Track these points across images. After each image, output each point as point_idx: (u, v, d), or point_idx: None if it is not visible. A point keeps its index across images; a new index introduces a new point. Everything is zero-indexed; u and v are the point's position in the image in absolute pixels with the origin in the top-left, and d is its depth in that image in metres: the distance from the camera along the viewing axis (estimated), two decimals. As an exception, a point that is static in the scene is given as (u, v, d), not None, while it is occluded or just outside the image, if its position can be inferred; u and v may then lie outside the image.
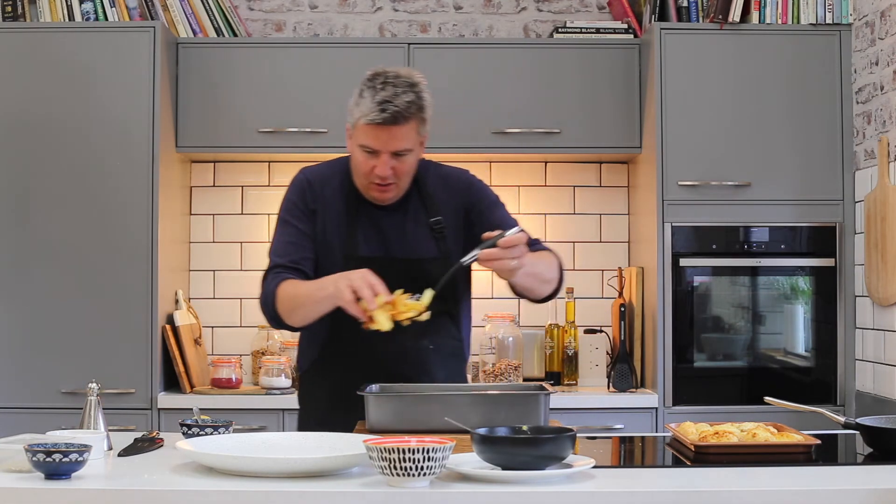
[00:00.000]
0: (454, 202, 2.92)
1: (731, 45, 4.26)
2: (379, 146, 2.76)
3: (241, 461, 2.21)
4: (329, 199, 2.90)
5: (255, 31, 4.75)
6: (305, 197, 2.91)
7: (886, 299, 3.92)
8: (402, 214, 2.89)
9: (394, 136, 2.75)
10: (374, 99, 2.74)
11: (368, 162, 2.79)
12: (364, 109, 2.75)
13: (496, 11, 4.78)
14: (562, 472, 2.18)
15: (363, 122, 2.76)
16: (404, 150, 2.79)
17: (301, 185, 2.94)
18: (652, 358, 4.27)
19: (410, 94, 2.76)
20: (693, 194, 4.24)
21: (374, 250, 2.86)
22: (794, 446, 2.48)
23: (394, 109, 2.72)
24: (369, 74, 2.81)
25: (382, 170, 2.78)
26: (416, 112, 2.77)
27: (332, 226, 2.88)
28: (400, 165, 2.80)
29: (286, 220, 2.92)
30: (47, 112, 4.18)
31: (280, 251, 2.89)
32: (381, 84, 2.76)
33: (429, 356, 2.89)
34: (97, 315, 4.15)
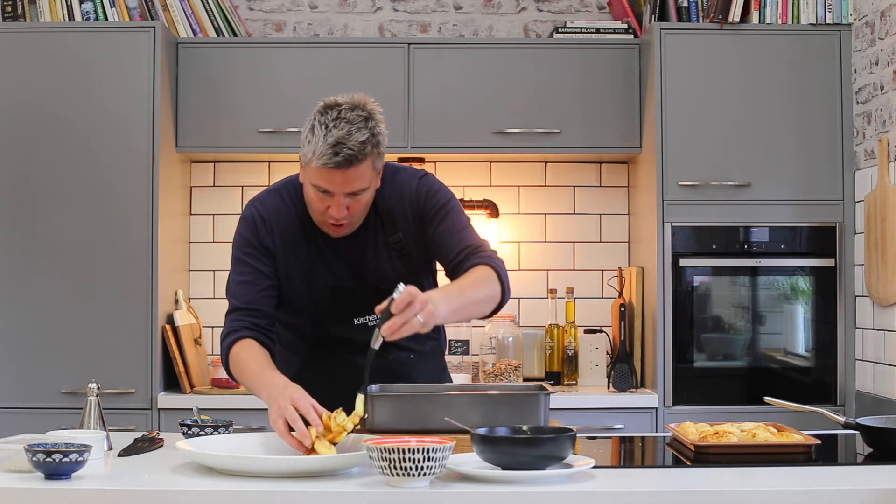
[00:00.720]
0: (410, 212, 2.78)
1: (731, 45, 4.26)
2: (333, 188, 2.61)
3: (241, 461, 2.21)
4: (286, 231, 2.78)
5: (255, 31, 4.75)
6: (259, 234, 2.77)
7: (886, 299, 3.92)
8: (361, 238, 2.78)
9: (348, 178, 2.59)
10: (325, 140, 2.56)
11: (323, 200, 2.65)
12: (316, 150, 2.57)
13: (496, 11, 4.78)
14: (562, 472, 2.18)
15: (315, 163, 2.58)
16: (359, 190, 2.64)
17: (253, 221, 2.79)
18: (652, 358, 4.27)
19: (364, 132, 2.58)
20: (693, 194, 4.23)
21: (339, 279, 2.78)
22: (794, 446, 2.48)
23: (347, 153, 2.55)
24: (321, 107, 2.62)
25: (337, 211, 2.64)
26: (370, 150, 2.59)
27: (292, 258, 2.78)
28: (355, 204, 2.66)
29: (239, 259, 2.79)
30: (47, 112, 4.18)
31: (236, 292, 2.78)
32: (333, 120, 2.57)
33: (411, 364, 2.87)
34: (97, 315, 4.15)
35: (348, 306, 2.78)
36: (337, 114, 2.58)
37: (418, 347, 2.88)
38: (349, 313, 2.79)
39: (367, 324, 2.77)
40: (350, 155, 2.56)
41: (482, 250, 2.73)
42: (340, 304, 2.79)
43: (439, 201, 2.78)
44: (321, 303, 2.79)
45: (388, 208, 2.77)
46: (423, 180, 2.81)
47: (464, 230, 2.77)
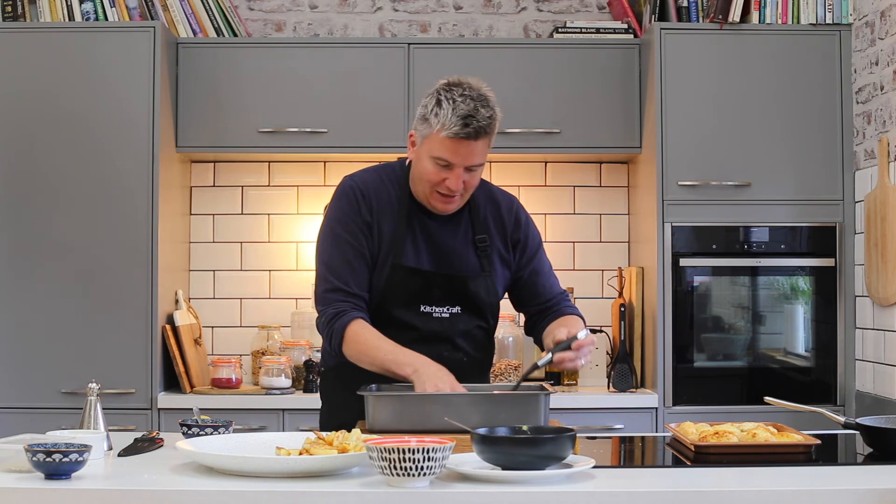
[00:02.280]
0: (500, 228, 2.94)
1: (731, 45, 4.26)
2: (456, 160, 2.75)
3: (241, 461, 2.21)
4: (384, 209, 2.87)
5: (255, 31, 4.75)
6: (361, 210, 2.85)
7: (886, 299, 3.92)
8: (452, 228, 2.89)
9: (472, 151, 2.75)
10: (455, 112, 2.71)
11: (440, 173, 2.77)
12: (444, 122, 2.72)
13: (496, 11, 4.78)
14: (562, 472, 2.18)
15: (444, 134, 2.72)
16: (478, 165, 2.79)
17: (354, 196, 2.86)
18: (652, 358, 4.27)
19: (489, 109, 2.74)
20: (693, 194, 4.23)
21: (420, 262, 2.86)
22: (794, 446, 2.48)
23: (477, 125, 2.71)
24: (444, 84, 2.78)
25: (455, 183, 2.77)
26: (493, 127, 2.77)
27: (384, 235, 2.86)
28: (471, 179, 2.80)
29: (342, 237, 2.85)
30: (47, 112, 4.18)
31: (339, 272, 2.83)
32: (459, 96, 2.73)
33: (463, 367, 2.88)
34: (97, 315, 4.15)
35: (419, 291, 2.86)
36: (462, 90, 2.75)
37: (474, 353, 2.95)
38: (418, 298, 2.86)
39: (432, 313, 2.87)
40: (479, 127, 2.72)
41: (569, 299, 3.03)
42: (413, 287, 2.85)
43: (536, 238, 3.01)
44: (395, 283, 2.84)
45: (479, 210, 2.92)
46: (519, 205, 3.02)
47: (552, 274, 3.03)
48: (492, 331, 3.01)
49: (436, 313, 2.87)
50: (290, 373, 4.27)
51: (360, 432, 2.34)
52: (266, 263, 4.70)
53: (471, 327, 2.92)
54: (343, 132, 4.37)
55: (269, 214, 4.70)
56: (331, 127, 4.36)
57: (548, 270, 3.02)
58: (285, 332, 4.58)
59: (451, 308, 2.88)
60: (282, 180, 4.72)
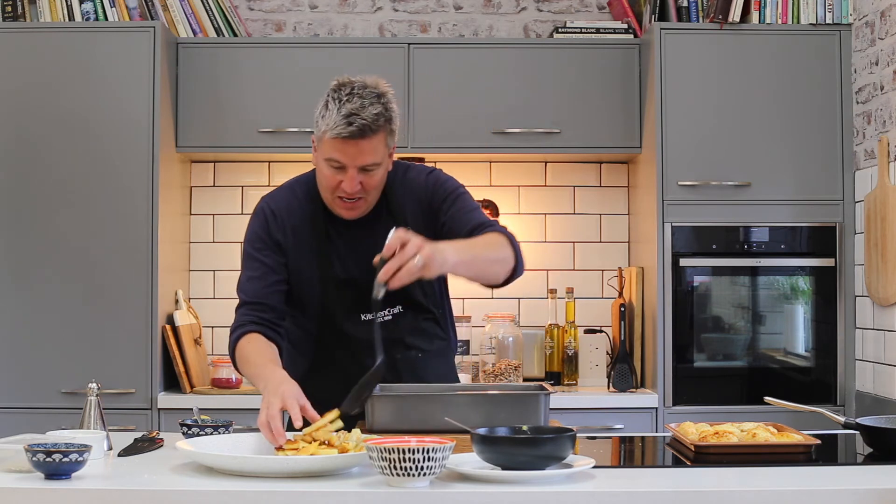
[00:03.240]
0: (422, 209, 2.82)
1: (731, 45, 4.26)
2: (346, 160, 2.66)
3: (241, 461, 2.21)
4: (297, 226, 2.82)
5: (255, 31, 4.75)
6: (269, 228, 2.82)
7: (886, 299, 3.92)
8: (371, 230, 2.79)
9: (361, 150, 2.65)
10: (339, 111, 2.62)
11: (335, 177, 2.69)
12: (329, 122, 2.63)
13: (496, 11, 4.78)
14: (562, 472, 2.18)
15: (329, 135, 2.64)
16: (372, 165, 2.68)
17: (264, 216, 2.84)
18: (652, 358, 4.27)
19: (378, 106, 2.64)
20: (693, 194, 4.23)
21: (348, 272, 2.80)
22: (794, 446, 2.48)
23: (361, 122, 2.61)
24: (334, 84, 2.69)
25: (350, 185, 2.68)
26: (384, 124, 2.66)
27: (303, 252, 2.81)
28: (368, 180, 2.70)
29: (249, 254, 2.84)
30: (47, 112, 4.18)
31: (245, 288, 2.83)
32: (346, 95, 2.64)
33: (418, 363, 2.87)
34: (97, 315, 4.15)
35: (356, 300, 2.78)
36: (350, 90, 2.66)
37: (426, 346, 2.89)
38: (357, 308, 2.80)
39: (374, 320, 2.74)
40: (363, 125, 2.62)
41: (494, 225, 2.76)
42: (348, 297, 2.79)
43: (447, 189, 2.83)
44: (330, 296, 2.80)
45: (399, 203, 2.81)
46: (432, 175, 2.87)
47: (474, 210, 2.81)
48: (443, 316, 2.93)
49: (378, 318, 2.73)
50: (290, 373, 4.27)
51: (360, 432, 2.35)
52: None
53: (417, 322, 2.86)
54: (343, 132, 4.36)
55: (269, 214, 4.70)
56: (331, 127, 4.35)
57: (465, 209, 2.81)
58: (285, 332, 4.58)
59: (392, 309, 2.82)
60: (282, 180, 4.64)
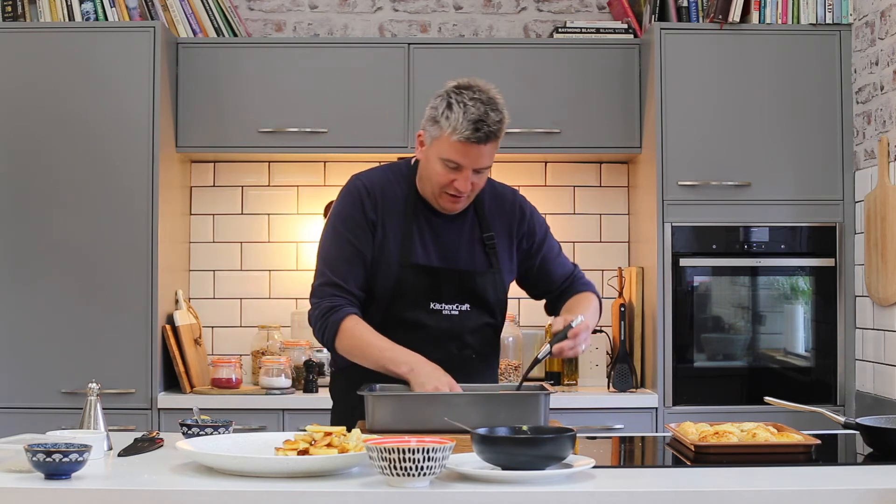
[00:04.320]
0: (506, 223, 2.97)
1: (731, 45, 4.26)
2: (466, 163, 2.78)
3: (241, 461, 2.21)
4: (390, 207, 2.89)
5: (255, 31, 4.75)
6: (365, 208, 2.87)
7: (886, 299, 3.92)
8: (458, 226, 2.92)
9: (481, 153, 2.78)
10: (466, 116, 2.74)
11: (448, 175, 2.80)
12: (455, 125, 2.74)
13: (496, 11, 4.78)
14: (562, 472, 2.18)
15: (455, 137, 2.75)
16: (486, 168, 2.83)
17: (360, 194, 2.89)
18: (652, 358, 4.27)
19: (499, 114, 2.78)
20: (693, 194, 4.23)
21: (430, 259, 2.88)
22: (794, 446, 2.48)
23: (487, 129, 2.75)
24: (454, 86, 2.80)
25: (464, 185, 2.80)
26: (502, 131, 2.81)
27: (391, 234, 2.88)
28: (478, 180, 2.84)
29: (343, 235, 2.87)
30: (47, 112, 4.18)
31: (337, 269, 2.85)
32: (470, 100, 2.76)
33: (471, 364, 2.91)
34: (97, 315, 4.15)
35: (429, 288, 2.87)
36: (473, 93, 2.78)
37: (482, 350, 2.97)
38: (428, 296, 2.88)
39: (441, 310, 2.88)
40: (490, 132, 2.76)
41: (580, 276, 3.08)
42: (423, 284, 2.87)
43: (539, 225, 3.04)
44: (404, 281, 2.86)
45: (487, 211, 2.96)
46: (520, 198, 3.06)
47: (560, 255, 3.07)
48: (499, 327, 3.03)
49: (445, 310, 2.89)
50: (290, 373, 4.27)
51: (360, 432, 2.35)
52: (266, 263, 4.70)
53: (479, 324, 2.94)
54: (343, 132, 4.37)
55: (269, 214, 4.70)
56: (331, 127, 4.36)
57: (556, 254, 3.05)
58: (285, 332, 4.58)
59: (461, 305, 2.90)
60: (282, 180, 4.72)
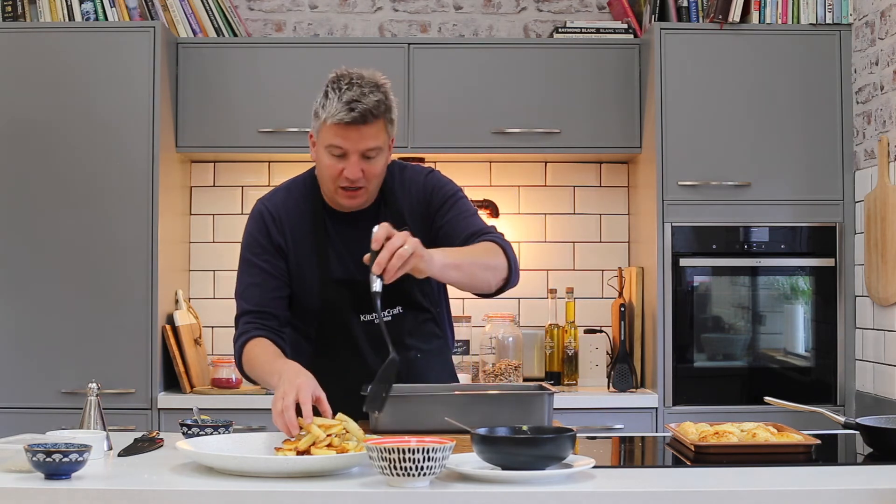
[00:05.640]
0: (419, 208, 2.83)
1: (731, 45, 4.26)
2: (348, 146, 2.68)
3: (241, 461, 2.21)
4: (296, 227, 2.82)
5: (255, 31, 4.75)
6: (269, 232, 2.82)
7: (886, 299, 3.92)
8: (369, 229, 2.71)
9: (363, 135, 2.67)
10: (340, 99, 2.67)
11: (336, 165, 2.70)
12: (331, 110, 2.67)
13: (496, 11, 4.78)
14: (562, 472, 2.18)
15: (330, 121, 2.67)
16: (374, 150, 2.70)
17: (262, 219, 2.83)
18: (652, 358, 4.27)
19: (378, 94, 2.69)
20: (693, 194, 4.23)
21: (348, 272, 2.79)
22: (794, 446, 2.48)
23: (362, 108, 2.65)
24: (333, 76, 2.75)
25: (352, 171, 2.69)
26: (384, 112, 2.70)
27: (303, 252, 2.81)
28: (369, 167, 2.71)
29: (249, 260, 2.84)
30: (47, 112, 4.18)
31: (246, 295, 2.83)
32: (346, 84, 2.69)
33: (417, 364, 2.86)
34: (97, 315, 4.15)
35: (355, 300, 2.78)
36: (349, 80, 2.71)
37: (424, 346, 2.89)
38: (356, 308, 2.80)
39: (373, 321, 2.77)
40: (364, 110, 2.66)
41: (491, 232, 2.78)
42: (348, 297, 2.79)
43: (447, 192, 2.84)
44: (329, 297, 2.80)
45: (396, 202, 2.82)
46: (431, 175, 2.88)
47: (472, 216, 2.82)
48: (441, 315, 2.93)
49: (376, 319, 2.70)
50: (290, 373, 4.27)
51: (361, 432, 2.35)
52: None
53: (416, 323, 2.86)
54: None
55: (269, 214, 4.70)
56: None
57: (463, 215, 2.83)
58: (285, 332, 4.57)
59: (392, 310, 2.82)
60: (282, 180, 4.68)
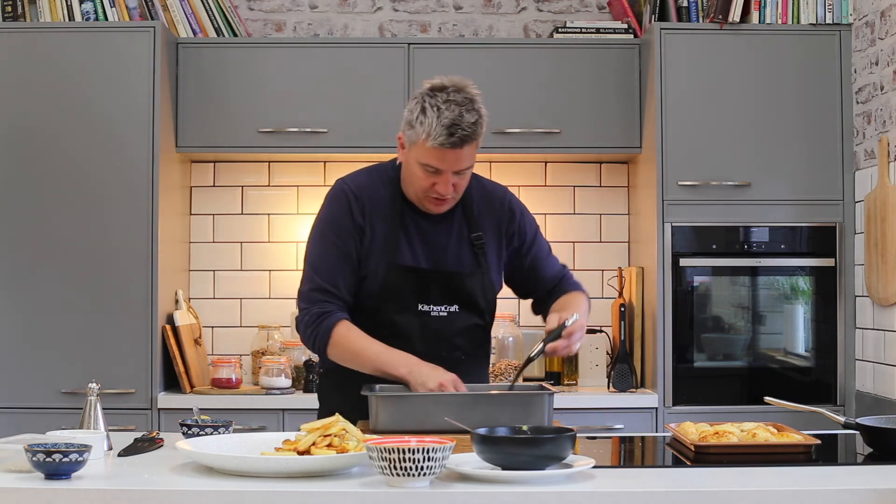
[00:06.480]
0: (495, 222, 2.94)
1: (731, 45, 4.26)
2: (444, 167, 2.75)
3: (241, 461, 2.21)
4: (377, 211, 2.86)
5: (255, 31, 4.75)
6: (353, 213, 2.85)
7: (886, 299, 3.92)
8: (446, 226, 2.89)
9: (459, 157, 2.74)
10: (440, 121, 2.70)
11: (429, 179, 2.77)
12: (429, 130, 2.71)
13: (496, 11, 4.78)
14: (562, 472, 2.18)
15: (430, 143, 2.72)
16: (467, 169, 2.80)
17: (347, 199, 2.86)
18: (652, 358, 4.27)
19: (474, 114, 2.73)
20: (693, 194, 4.23)
21: (417, 261, 2.86)
22: (794, 446, 2.48)
23: (462, 134, 2.70)
24: (428, 88, 2.77)
25: (445, 188, 2.77)
26: (479, 131, 2.76)
27: (378, 236, 2.85)
28: (460, 182, 2.81)
29: (331, 240, 2.85)
30: (47, 112, 4.18)
31: (326, 274, 2.83)
32: (444, 102, 2.72)
33: (460, 365, 2.88)
34: (97, 315, 4.15)
35: (417, 290, 2.86)
36: (446, 96, 2.74)
37: (472, 351, 2.95)
38: (416, 297, 2.86)
39: (429, 312, 2.86)
40: (464, 136, 2.72)
41: (569, 276, 3.09)
42: (410, 286, 2.85)
43: (532, 225, 3.02)
44: (391, 282, 2.84)
45: (472, 208, 2.92)
46: (511, 197, 3.02)
47: (550, 256, 3.06)
48: (489, 328, 3.02)
49: (434, 312, 2.87)
50: (289, 373, 4.27)
51: (360, 432, 2.35)
52: (266, 263, 4.70)
53: (468, 325, 2.92)
54: (343, 132, 4.37)
55: (269, 214, 4.70)
56: (331, 127, 4.35)
57: (546, 255, 3.05)
58: (285, 332, 4.58)
59: (449, 307, 2.89)
60: (282, 180, 4.71)
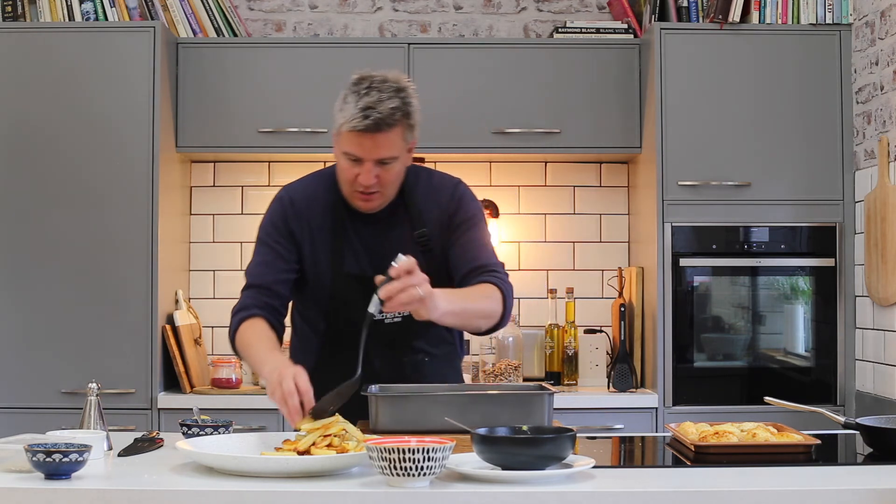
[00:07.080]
0: (443, 215, 2.82)
1: (731, 45, 4.26)
2: (362, 154, 2.67)
3: (241, 461, 2.21)
4: (315, 218, 2.82)
5: (255, 31, 4.75)
6: (286, 217, 2.83)
7: (886, 299, 3.92)
8: (387, 227, 2.81)
9: (377, 143, 2.66)
10: (357, 105, 2.64)
11: (352, 169, 2.70)
12: (347, 115, 2.66)
13: (496, 11, 4.78)
14: (562, 472, 2.18)
15: (346, 128, 2.66)
16: (388, 158, 2.69)
17: (281, 205, 2.86)
18: (652, 358, 4.27)
19: (395, 100, 2.65)
20: (693, 194, 4.23)
21: (361, 268, 2.79)
22: (794, 446, 2.48)
23: (377, 116, 2.63)
24: (354, 78, 2.72)
25: (366, 178, 2.69)
26: (401, 118, 2.67)
27: (319, 243, 2.82)
28: (384, 174, 2.71)
29: (262, 240, 2.86)
30: (47, 112, 4.18)
31: (253, 271, 2.84)
32: (365, 89, 2.66)
33: (424, 367, 2.86)
34: (97, 315, 4.15)
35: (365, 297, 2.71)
36: (369, 84, 2.68)
37: (432, 350, 2.89)
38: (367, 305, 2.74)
39: (383, 320, 2.78)
40: (379, 119, 2.63)
41: (496, 271, 2.76)
42: (357, 294, 2.75)
43: (468, 212, 2.84)
44: (340, 291, 2.81)
45: (418, 205, 2.82)
46: (459, 187, 2.87)
47: (483, 247, 2.81)
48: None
49: (387, 319, 2.79)
50: (290, 373, 4.27)
51: (360, 432, 2.35)
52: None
53: (426, 325, 2.75)
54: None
55: (269, 214, 4.70)
56: (331, 127, 4.31)
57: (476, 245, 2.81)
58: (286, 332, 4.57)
59: (402, 312, 2.74)
60: (282, 180, 4.68)
